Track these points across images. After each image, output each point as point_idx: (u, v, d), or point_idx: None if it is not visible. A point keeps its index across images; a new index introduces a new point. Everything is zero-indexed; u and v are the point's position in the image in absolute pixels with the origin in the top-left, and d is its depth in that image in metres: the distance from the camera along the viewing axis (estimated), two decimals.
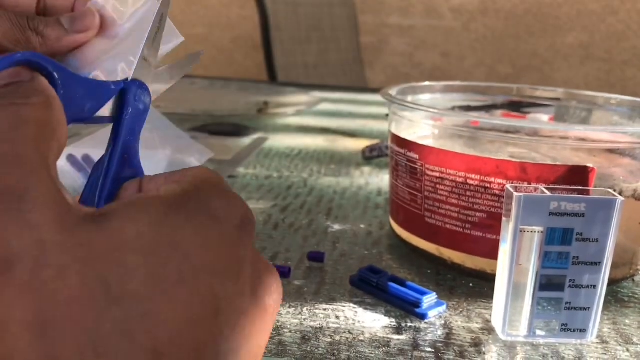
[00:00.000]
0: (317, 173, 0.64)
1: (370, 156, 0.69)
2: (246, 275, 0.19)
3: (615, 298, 0.39)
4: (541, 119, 0.56)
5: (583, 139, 0.39)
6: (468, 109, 0.56)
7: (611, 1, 2.22)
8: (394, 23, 2.33)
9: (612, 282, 0.40)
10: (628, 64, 2.26)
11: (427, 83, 0.51)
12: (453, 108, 0.54)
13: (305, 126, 0.88)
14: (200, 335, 0.16)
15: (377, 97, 0.48)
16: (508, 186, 0.32)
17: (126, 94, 0.22)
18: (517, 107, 0.57)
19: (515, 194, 0.31)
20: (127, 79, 0.22)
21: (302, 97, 1.06)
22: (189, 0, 2.34)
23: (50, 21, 0.26)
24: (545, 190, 0.32)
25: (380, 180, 0.63)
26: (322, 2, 2.14)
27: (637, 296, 0.39)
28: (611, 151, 0.44)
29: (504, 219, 0.33)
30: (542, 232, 0.31)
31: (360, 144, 0.75)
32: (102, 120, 0.22)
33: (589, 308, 0.32)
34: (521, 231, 0.32)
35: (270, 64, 1.84)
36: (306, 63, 2.02)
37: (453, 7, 2.28)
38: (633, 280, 0.41)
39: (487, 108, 0.57)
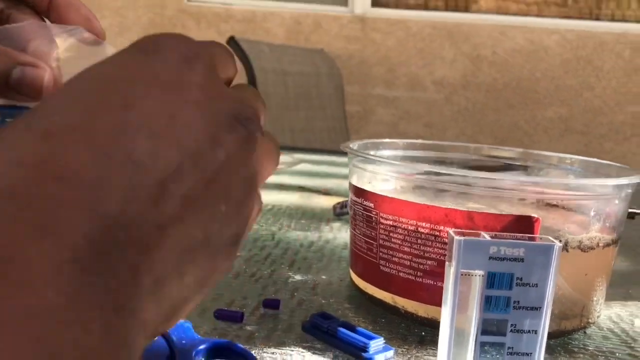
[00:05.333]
0: (286, 227, 0.65)
1: (341, 212, 0.70)
2: (195, 89, 0.19)
3: (565, 349, 0.39)
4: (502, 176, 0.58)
5: (532, 190, 0.40)
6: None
7: (587, 77, 2.32)
8: (379, 94, 2.40)
9: (562, 334, 0.40)
10: (605, 137, 2.33)
11: (388, 140, 0.53)
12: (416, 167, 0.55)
13: (282, 184, 0.89)
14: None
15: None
16: (450, 231, 0.33)
17: None
18: (481, 168, 0.58)
19: (455, 237, 0.32)
20: None
21: (283, 157, 1.08)
22: None
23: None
24: (487, 235, 0.33)
25: (348, 235, 0.64)
26: (309, 72, 2.22)
27: (587, 348, 0.40)
28: (565, 208, 0.46)
29: (447, 263, 0.33)
30: (483, 276, 0.32)
31: (334, 202, 0.76)
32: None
33: (530, 353, 0.33)
34: (463, 275, 0.32)
35: None
36: (293, 129, 2.07)
37: (435, 80, 2.36)
38: (585, 332, 0.42)
39: (450, 165, 0.58)
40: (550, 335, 0.35)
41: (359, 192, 0.44)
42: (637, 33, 2.29)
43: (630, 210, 0.71)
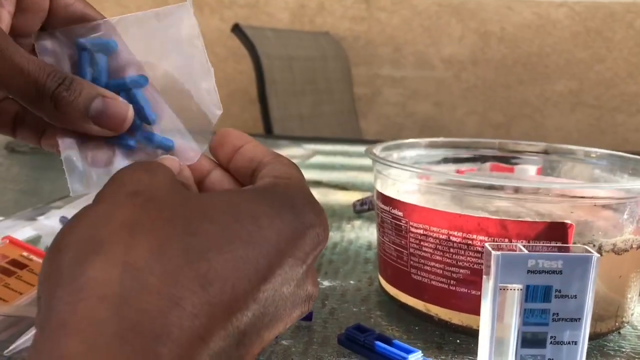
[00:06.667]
0: None
1: (361, 209, 0.70)
2: (296, 275, 0.24)
3: (601, 352, 0.39)
4: (529, 170, 0.57)
5: (564, 195, 0.40)
6: (457, 160, 0.57)
7: (598, 49, 2.28)
8: (386, 74, 2.38)
9: (598, 336, 0.40)
10: (617, 110, 2.30)
11: (411, 140, 0.52)
12: (441, 160, 0.55)
13: None
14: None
15: None
16: (487, 245, 0.33)
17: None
18: (506, 158, 0.58)
19: (493, 252, 0.32)
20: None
21: (296, 151, 1.08)
22: None
23: (79, 102, 0.25)
24: (523, 248, 0.33)
25: (370, 234, 0.64)
26: (315, 56, 2.20)
27: (623, 349, 0.40)
28: (593, 204, 0.45)
29: (484, 276, 0.33)
30: (521, 289, 0.32)
31: (352, 197, 0.76)
32: None
33: None
34: (501, 289, 0.32)
35: (266, 117, 1.88)
36: (301, 115, 2.05)
37: (444, 57, 2.34)
38: (619, 333, 0.42)
39: (476, 160, 0.58)
40: None
41: (386, 200, 0.44)
42: None
43: None
